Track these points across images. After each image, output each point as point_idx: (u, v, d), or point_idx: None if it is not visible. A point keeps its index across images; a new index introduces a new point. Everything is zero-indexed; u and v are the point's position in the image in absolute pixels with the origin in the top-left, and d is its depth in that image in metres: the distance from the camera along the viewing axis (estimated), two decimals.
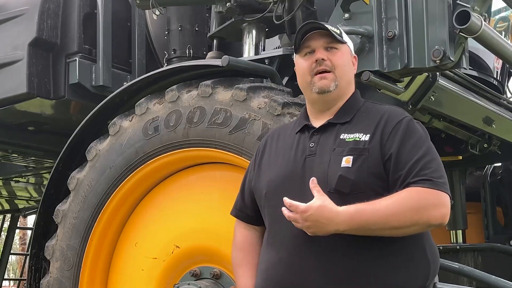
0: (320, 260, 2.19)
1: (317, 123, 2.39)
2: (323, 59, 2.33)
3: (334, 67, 2.34)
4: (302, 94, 3.32)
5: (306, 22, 2.43)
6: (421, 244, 2.27)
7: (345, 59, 2.38)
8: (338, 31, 2.37)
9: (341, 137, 2.30)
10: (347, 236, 2.16)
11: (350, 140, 2.27)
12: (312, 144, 2.32)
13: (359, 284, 2.17)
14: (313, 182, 2.14)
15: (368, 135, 2.26)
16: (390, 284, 2.17)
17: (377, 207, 2.12)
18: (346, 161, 2.22)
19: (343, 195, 2.19)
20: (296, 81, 3.69)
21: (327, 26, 2.35)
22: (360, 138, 2.26)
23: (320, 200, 2.12)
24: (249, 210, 2.53)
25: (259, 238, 2.52)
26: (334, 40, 2.35)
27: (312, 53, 2.36)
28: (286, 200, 2.14)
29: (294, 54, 2.46)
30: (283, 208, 2.16)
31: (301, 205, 2.11)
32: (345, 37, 2.42)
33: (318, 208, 2.10)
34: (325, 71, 2.33)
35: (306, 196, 2.20)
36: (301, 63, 2.40)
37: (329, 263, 2.18)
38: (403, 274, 2.19)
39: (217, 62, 3.41)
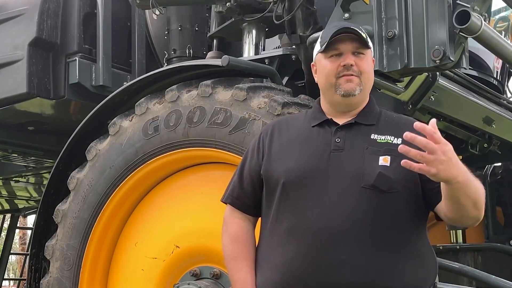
0: (347, 255, 2.17)
1: (339, 120, 2.38)
2: (351, 64, 2.32)
3: (361, 73, 2.33)
4: (302, 94, 3.35)
5: (339, 25, 2.40)
6: (429, 245, 2.33)
7: (370, 65, 2.39)
8: (364, 36, 2.36)
9: (372, 137, 2.31)
10: (374, 232, 2.18)
11: (383, 141, 2.29)
12: (338, 140, 2.31)
13: (384, 281, 2.17)
14: (433, 123, 2.04)
15: (400, 139, 2.27)
16: (411, 282, 2.21)
17: (473, 178, 2.13)
18: (384, 160, 2.24)
19: (379, 192, 2.20)
20: (296, 81, 3.74)
21: (359, 31, 2.34)
22: (392, 141, 2.29)
23: None
24: (247, 199, 2.46)
25: (253, 230, 2.48)
26: (362, 46, 2.35)
27: (338, 56, 2.34)
28: (427, 127, 2.00)
29: (316, 52, 2.42)
30: (409, 134, 2.02)
31: (442, 137, 2.03)
32: (369, 41, 2.42)
33: (452, 148, 2.06)
34: (351, 75, 2.33)
35: (330, 188, 2.21)
36: (326, 64, 2.36)
37: (356, 258, 2.17)
38: (420, 273, 2.24)
39: (217, 62, 3.41)
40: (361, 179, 2.22)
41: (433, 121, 2.04)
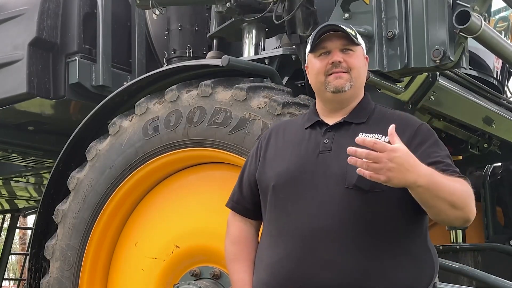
0: (332, 255, 2.18)
1: (330, 120, 2.39)
2: (339, 61, 2.33)
3: (350, 69, 2.34)
4: (302, 94, 3.35)
5: (324, 24, 2.42)
6: (426, 245, 2.30)
7: (360, 61, 2.39)
8: (353, 33, 2.37)
9: (360, 136, 2.29)
10: (360, 232, 2.18)
11: None
12: (326, 141, 2.32)
13: (370, 281, 2.17)
14: (392, 129, 2.05)
15: (387, 137, 2.24)
16: (399, 283, 2.19)
17: (443, 179, 2.10)
18: None
19: (362, 192, 2.20)
20: (296, 81, 3.74)
21: (344, 28, 2.35)
22: (379, 139, 2.25)
23: (404, 146, 2.03)
24: (247, 203, 2.50)
25: (255, 233, 2.51)
26: (350, 42, 2.36)
27: (327, 54, 2.36)
28: (367, 139, 2.02)
29: (307, 53, 2.45)
30: (350, 149, 2.02)
31: (389, 144, 2.01)
32: (359, 39, 2.42)
33: (406, 153, 2.02)
34: (341, 72, 2.34)
35: (317, 190, 2.22)
36: (315, 63, 2.39)
37: (341, 259, 2.17)
38: (411, 274, 2.22)
39: (217, 62, 3.41)
40: (344, 179, 2.22)
41: (391, 127, 2.05)
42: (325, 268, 2.17)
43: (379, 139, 2.25)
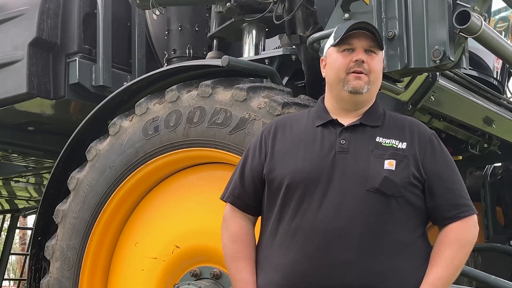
0: (349, 257, 2.18)
1: (344, 121, 2.37)
2: (363, 61, 2.32)
3: (370, 71, 2.34)
4: (302, 94, 3.35)
5: (357, 21, 2.42)
6: (429, 244, 2.33)
7: (380, 66, 2.40)
8: (380, 37, 2.38)
9: (377, 140, 2.31)
10: (377, 234, 2.19)
11: (388, 145, 2.29)
12: (343, 141, 2.30)
13: (387, 282, 2.19)
14: None
15: (405, 143, 2.30)
16: (412, 282, 2.22)
17: (442, 275, 2.25)
18: (389, 164, 2.25)
19: (383, 196, 2.21)
20: (296, 81, 3.74)
21: (375, 30, 2.36)
22: (397, 145, 2.29)
23: None
24: (248, 199, 2.44)
25: (253, 229, 2.47)
26: (375, 45, 2.36)
27: (350, 51, 2.35)
28: None
29: (328, 46, 2.42)
30: None
31: None
32: (383, 43, 2.44)
33: None
34: (361, 73, 2.33)
35: (334, 190, 2.22)
36: (337, 58, 2.36)
37: (358, 260, 2.18)
38: (423, 273, 2.24)
39: (217, 62, 3.41)
40: (366, 182, 2.22)
41: None
42: (342, 270, 2.18)
43: (397, 145, 2.30)
